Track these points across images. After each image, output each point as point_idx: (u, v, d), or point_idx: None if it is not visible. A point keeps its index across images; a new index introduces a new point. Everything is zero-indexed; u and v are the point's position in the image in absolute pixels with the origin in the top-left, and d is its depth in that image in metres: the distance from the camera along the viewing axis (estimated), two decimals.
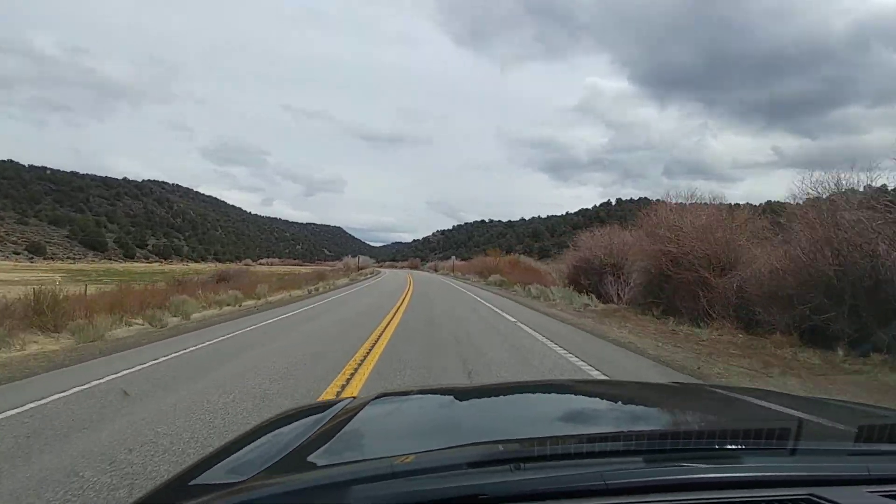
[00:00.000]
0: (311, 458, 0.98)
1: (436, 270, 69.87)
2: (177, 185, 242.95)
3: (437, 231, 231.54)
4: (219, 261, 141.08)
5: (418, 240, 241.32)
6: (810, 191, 8.79)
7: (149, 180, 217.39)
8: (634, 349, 7.69)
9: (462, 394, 1.60)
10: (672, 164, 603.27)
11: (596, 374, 5.94)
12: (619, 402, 1.53)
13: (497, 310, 13.66)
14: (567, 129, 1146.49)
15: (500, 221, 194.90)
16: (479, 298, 17.91)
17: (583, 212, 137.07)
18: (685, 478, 0.80)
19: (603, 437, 0.96)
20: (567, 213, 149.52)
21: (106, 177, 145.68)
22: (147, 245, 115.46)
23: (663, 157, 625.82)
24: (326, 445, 1.06)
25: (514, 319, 11.32)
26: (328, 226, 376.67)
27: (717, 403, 1.51)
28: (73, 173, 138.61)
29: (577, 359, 6.72)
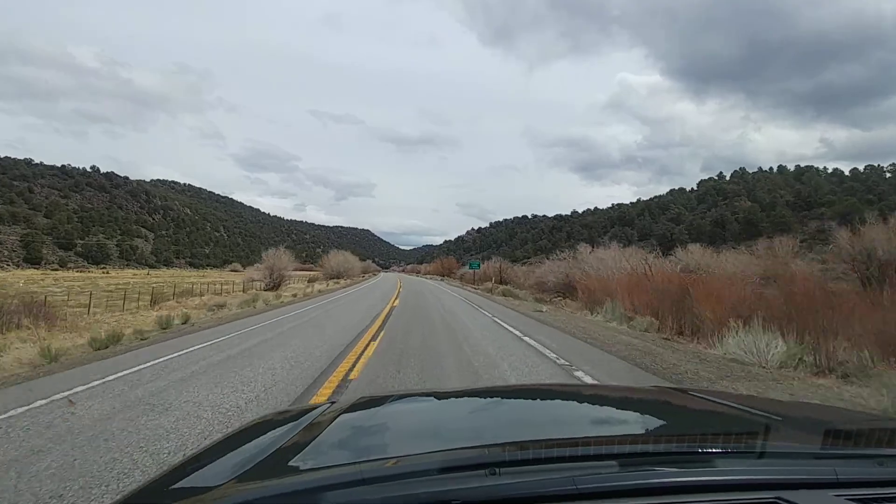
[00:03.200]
0: (284, 464, 0.98)
1: (503, 287, 29.45)
2: (189, 184, 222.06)
3: (473, 229, 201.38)
4: (193, 266, 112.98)
5: (450, 240, 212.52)
6: None
7: (157, 180, 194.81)
8: None
9: (441, 398, 1.58)
10: (711, 160, 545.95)
11: None
12: (597, 407, 1.54)
13: None
14: (598, 127, 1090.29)
15: (545, 216, 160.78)
16: None
17: (680, 191, 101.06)
18: (655, 482, 0.80)
19: (575, 442, 0.96)
20: (641, 199, 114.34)
21: (63, 165, 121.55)
22: (75, 246, 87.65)
23: (702, 153, 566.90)
24: (302, 451, 1.06)
25: None
26: (356, 229, 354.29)
27: (690, 407, 1.52)
28: (27, 161, 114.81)
29: None
